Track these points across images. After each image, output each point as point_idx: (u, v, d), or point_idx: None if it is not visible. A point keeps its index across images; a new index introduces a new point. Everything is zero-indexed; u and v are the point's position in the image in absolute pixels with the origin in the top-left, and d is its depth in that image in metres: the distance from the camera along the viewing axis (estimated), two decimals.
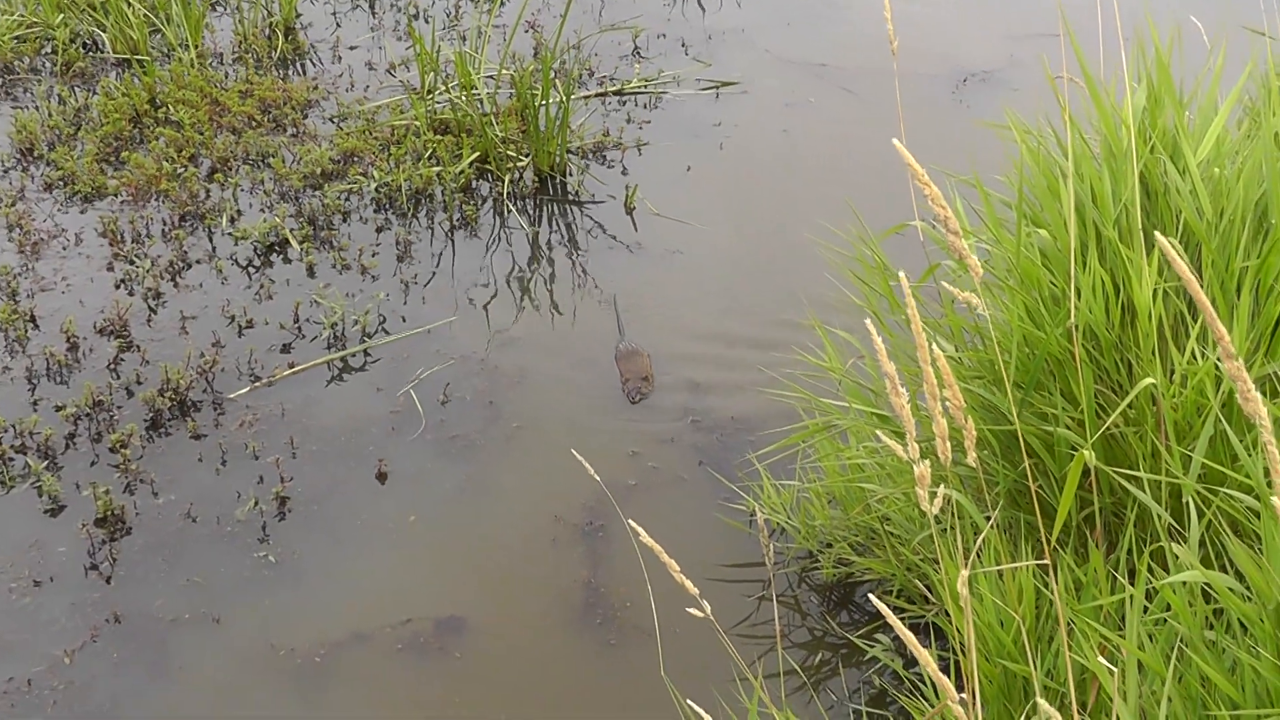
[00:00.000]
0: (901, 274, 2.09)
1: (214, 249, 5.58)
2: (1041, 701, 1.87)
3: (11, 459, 4.55)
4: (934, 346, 2.05)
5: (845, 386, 3.90)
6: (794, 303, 4.96)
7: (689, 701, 2.45)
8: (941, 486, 2.11)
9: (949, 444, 2.00)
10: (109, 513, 4.34)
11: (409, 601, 4.11)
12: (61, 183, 5.94)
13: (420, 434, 4.71)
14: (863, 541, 4.02)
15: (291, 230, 5.65)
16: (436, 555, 4.28)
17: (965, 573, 1.99)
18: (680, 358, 5.08)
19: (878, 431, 2.53)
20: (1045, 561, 2.43)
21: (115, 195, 5.86)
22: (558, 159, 6.11)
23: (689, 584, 2.27)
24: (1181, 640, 2.64)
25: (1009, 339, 3.27)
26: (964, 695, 2.07)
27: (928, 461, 1.98)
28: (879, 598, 3.82)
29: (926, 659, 1.88)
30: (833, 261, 4.16)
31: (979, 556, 3.22)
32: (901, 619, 3.67)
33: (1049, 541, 2.28)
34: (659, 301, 5.40)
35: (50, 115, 6.36)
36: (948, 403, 2.03)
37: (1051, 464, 3.26)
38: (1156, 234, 1.63)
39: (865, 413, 3.76)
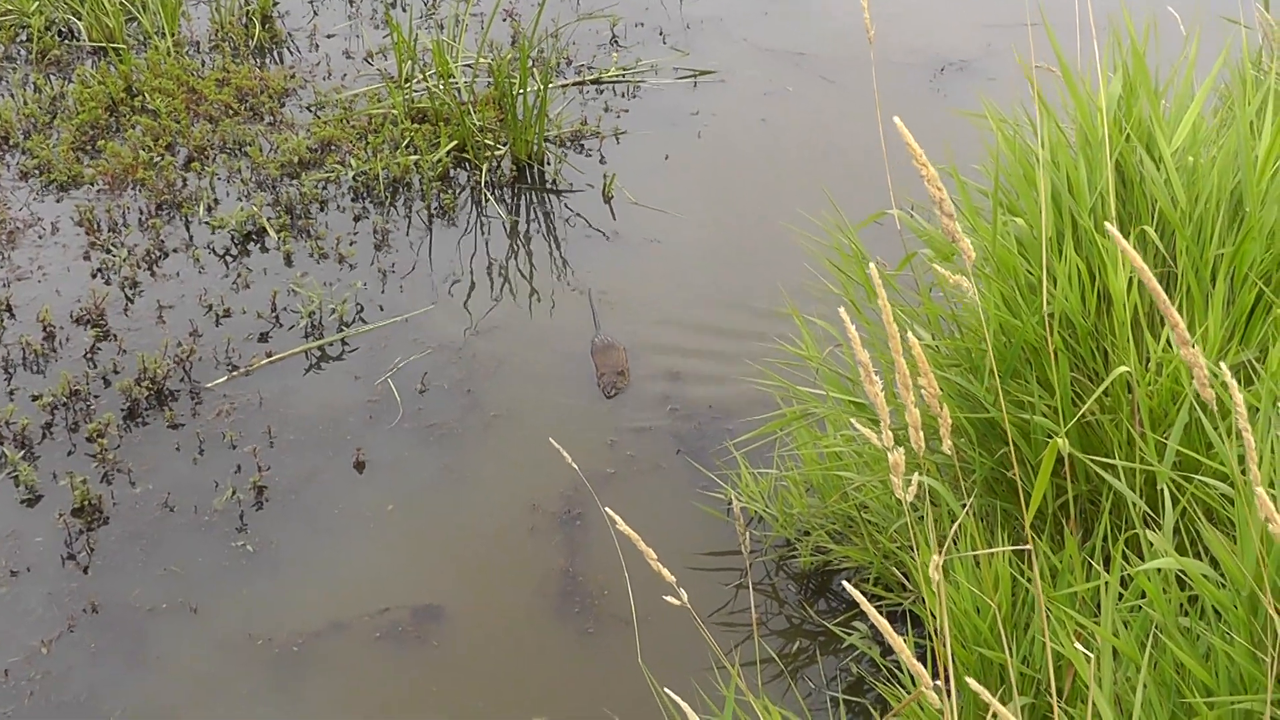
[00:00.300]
0: (872, 264, 2.10)
1: (191, 238, 5.56)
2: (1003, 710, 1.88)
3: None
4: (909, 335, 2.06)
5: (822, 375, 3.91)
6: (772, 291, 4.97)
7: (666, 690, 2.45)
8: (916, 474, 2.12)
9: (922, 433, 2.01)
10: (86, 502, 4.33)
11: (387, 590, 4.10)
12: (37, 171, 5.91)
13: (398, 423, 4.70)
14: (840, 529, 4.02)
15: (269, 219, 5.63)
16: (414, 544, 4.28)
17: (938, 558, 1.99)
18: (658, 346, 5.08)
19: (852, 419, 2.54)
20: (1026, 547, 2.44)
21: (92, 184, 5.83)
22: (535, 148, 6.10)
23: (666, 572, 2.27)
24: (1156, 627, 2.65)
25: (985, 327, 3.28)
26: (939, 682, 2.08)
27: (902, 449, 1.98)
28: (855, 585, 3.84)
29: (901, 646, 1.88)
30: (810, 250, 4.16)
31: (955, 543, 3.23)
32: (878, 607, 3.67)
33: (1026, 526, 2.29)
34: (637, 290, 5.39)
35: (26, 103, 6.33)
36: (924, 391, 2.04)
37: (1028, 451, 3.27)
38: (1107, 224, 1.64)
39: (842, 401, 3.76)
